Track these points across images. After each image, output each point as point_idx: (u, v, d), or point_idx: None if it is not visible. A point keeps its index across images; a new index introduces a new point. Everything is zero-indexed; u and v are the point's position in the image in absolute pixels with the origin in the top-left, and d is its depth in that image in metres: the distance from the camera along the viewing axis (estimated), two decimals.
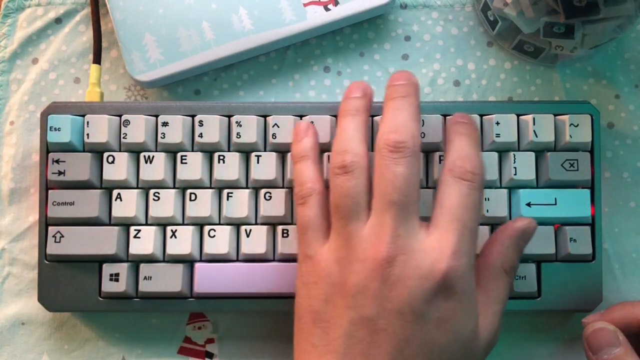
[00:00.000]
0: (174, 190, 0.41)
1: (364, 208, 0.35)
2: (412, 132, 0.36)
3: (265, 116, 0.42)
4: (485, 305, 0.36)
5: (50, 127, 0.41)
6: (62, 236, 0.41)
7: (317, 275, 0.36)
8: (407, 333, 0.33)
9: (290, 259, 0.41)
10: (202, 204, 0.41)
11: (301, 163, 0.39)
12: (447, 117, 0.40)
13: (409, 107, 0.37)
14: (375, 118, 0.41)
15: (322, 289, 0.35)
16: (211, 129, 0.41)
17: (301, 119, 0.41)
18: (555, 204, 0.41)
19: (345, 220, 0.35)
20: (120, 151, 0.41)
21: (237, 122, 0.41)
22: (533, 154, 0.41)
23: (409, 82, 0.38)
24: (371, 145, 0.41)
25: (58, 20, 0.46)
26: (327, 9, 0.44)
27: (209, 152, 0.42)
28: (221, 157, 0.41)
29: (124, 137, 0.41)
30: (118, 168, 0.41)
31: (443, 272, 0.33)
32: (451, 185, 0.36)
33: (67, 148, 0.41)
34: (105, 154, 0.41)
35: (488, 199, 0.41)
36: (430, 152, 0.41)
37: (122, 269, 0.41)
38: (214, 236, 0.41)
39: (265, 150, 0.42)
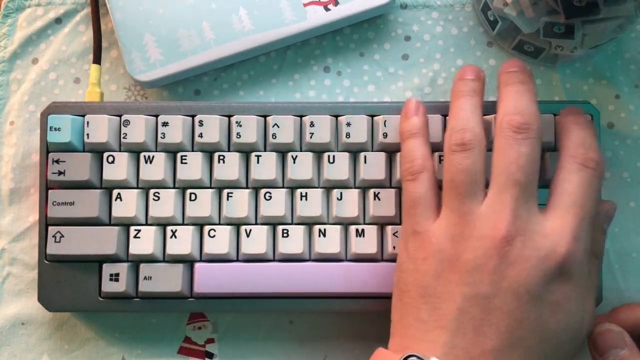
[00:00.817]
0: (174, 190, 0.41)
1: (480, 187, 0.36)
2: (535, 115, 0.36)
3: (265, 116, 0.42)
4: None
5: (50, 127, 0.41)
6: (62, 236, 0.41)
7: (426, 251, 0.35)
8: (521, 314, 0.33)
9: (290, 259, 0.41)
10: (202, 204, 0.41)
11: (412, 139, 0.39)
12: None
13: (529, 92, 0.37)
14: (376, 118, 0.41)
15: (433, 264, 0.35)
16: (211, 129, 0.41)
17: (301, 119, 0.41)
18: None
19: (461, 197, 0.35)
20: (120, 151, 0.41)
21: (237, 122, 0.41)
22: None
23: (524, 70, 0.38)
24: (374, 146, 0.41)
25: (58, 20, 0.46)
26: (327, 9, 0.44)
27: (209, 152, 0.42)
28: (221, 157, 0.41)
29: (124, 137, 0.41)
30: (118, 168, 0.41)
31: (562, 255, 0.34)
32: (574, 171, 0.36)
33: (67, 148, 0.41)
34: (105, 154, 0.41)
35: None
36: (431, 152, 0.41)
37: (122, 269, 0.41)
38: (214, 236, 0.41)
39: (265, 150, 0.42)
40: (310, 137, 0.41)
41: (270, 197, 0.41)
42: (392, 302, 0.37)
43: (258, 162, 0.41)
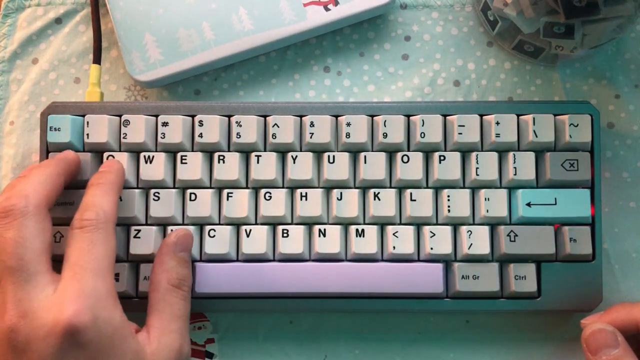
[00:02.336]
0: (174, 190, 0.41)
1: None
2: (25, 193, 0.35)
3: (265, 116, 0.42)
4: (160, 327, 0.36)
5: (50, 127, 0.41)
6: (62, 236, 0.41)
7: None
8: None
9: (290, 259, 0.41)
10: (202, 204, 0.41)
11: None
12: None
13: (47, 170, 0.37)
14: (376, 118, 0.42)
15: None
16: (211, 129, 0.41)
17: (301, 119, 0.41)
18: (555, 204, 0.41)
19: None
20: (120, 151, 0.41)
21: (237, 122, 0.41)
22: (533, 154, 0.41)
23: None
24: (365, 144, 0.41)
25: (58, 20, 0.46)
26: (327, 9, 0.44)
27: (209, 152, 0.42)
28: (221, 157, 0.41)
29: (124, 137, 0.41)
30: None
31: (64, 323, 0.32)
32: (70, 237, 0.35)
33: (67, 148, 0.41)
34: (105, 154, 0.41)
35: (488, 199, 0.41)
36: (430, 152, 0.41)
37: (122, 268, 0.41)
38: (214, 236, 0.41)
39: (265, 150, 0.42)
40: (310, 137, 0.41)
41: (270, 197, 0.41)
42: None
43: (258, 162, 0.41)
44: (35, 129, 0.45)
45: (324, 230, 0.41)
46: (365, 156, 0.41)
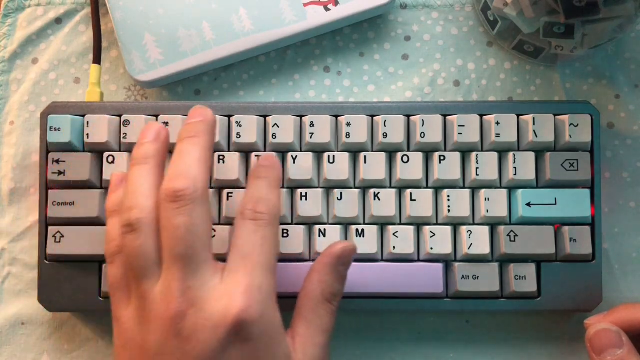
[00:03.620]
0: None
1: (155, 265, 0.34)
2: (193, 177, 0.34)
3: (265, 116, 0.42)
4: (306, 338, 0.36)
5: (50, 127, 0.41)
6: (62, 236, 0.41)
7: (123, 339, 0.35)
8: None
9: (291, 259, 0.41)
10: None
11: (110, 219, 0.37)
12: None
13: (194, 149, 0.35)
14: (376, 118, 0.42)
15: (128, 352, 0.34)
16: None
17: (301, 119, 0.42)
18: (555, 204, 0.41)
19: (138, 280, 0.34)
20: (120, 151, 0.41)
21: (237, 122, 0.41)
22: (533, 154, 0.41)
23: (203, 120, 0.37)
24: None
25: (58, 20, 0.46)
26: (327, 9, 0.44)
27: None
28: (221, 157, 0.41)
29: (124, 137, 0.41)
30: (118, 168, 0.41)
31: (235, 315, 0.32)
32: (240, 227, 0.35)
33: (67, 148, 0.41)
34: (105, 154, 0.41)
35: (488, 199, 0.41)
36: (430, 152, 0.41)
37: None
38: (214, 236, 0.41)
39: (265, 150, 0.42)
40: (310, 137, 0.41)
41: None
42: None
43: None
44: (35, 129, 0.45)
45: (324, 230, 0.41)
46: (365, 156, 0.41)
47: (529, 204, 0.41)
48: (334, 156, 0.41)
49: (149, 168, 0.36)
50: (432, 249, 0.41)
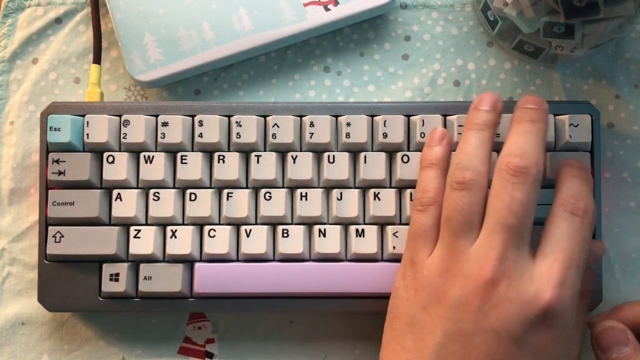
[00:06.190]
0: (174, 190, 0.41)
1: (475, 226, 0.36)
2: (536, 159, 0.36)
3: (265, 116, 0.42)
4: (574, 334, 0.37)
5: (50, 127, 0.41)
6: (62, 236, 0.41)
7: (418, 283, 0.36)
8: (501, 355, 0.34)
9: (290, 259, 0.41)
10: (202, 204, 0.41)
11: (429, 170, 0.39)
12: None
13: (537, 133, 0.37)
14: (376, 118, 0.42)
15: (422, 296, 0.36)
16: (211, 129, 0.41)
17: (301, 119, 0.42)
18: None
19: (455, 234, 0.36)
20: (120, 151, 0.41)
21: (237, 122, 0.41)
22: None
23: (540, 108, 0.38)
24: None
25: (58, 20, 0.46)
26: (327, 9, 0.44)
27: (209, 152, 0.42)
28: (221, 157, 0.41)
29: (124, 137, 0.41)
30: (118, 168, 0.41)
31: (546, 301, 0.33)
32: (563, 218, 0.36)
33: (67, 148, 0.41)
34: (105, 154, 0.41)
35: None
36: None
37: (122, 269, 0.41)
38: (214, 236, 0.41)
39: (265, 150, 0.42)
40: (310, 137, 0.41)
41: (270, 197, 0.41)
42: (384, 326, 0.38)
43: (258, 162, 0.41)
44: (35, 129, 0.45)
45: (324, 230, 0.41)
46: (365, 156, 0.41)
47: None
48: (334, 156, 0.41)
49: (486, 136, 0.38)
50: None
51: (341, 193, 0.41)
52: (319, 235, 0.41)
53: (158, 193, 0.41)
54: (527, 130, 0.37)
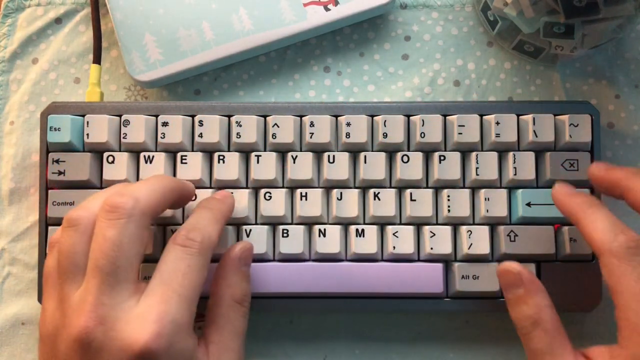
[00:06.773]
0: None
1: (80, 270, 0.34)
2: (136, 196, 0.34)
3: (265, 116, 0.42)
4: (220, 344, 0.36)
5: (50, 127, 0.41)
6: None
7: (41, 332, 0.35)
8: None
9: (290, 259, 0.41)
10: None
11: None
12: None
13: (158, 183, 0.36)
14: (376, 118, 0.42)
15: (44, 348, 0.34)
16: (211, 129, 0.41)
17: (301, 119, 0.42)
18: None
19: (62, 279, 0.34)
20: (120, 151, 0.41)
21: (237, 122, 0.41)
22: (533, 154, 0.41)
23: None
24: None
25: (58, 20, 0.46)
26: (327, 9, 0.44)
27: (209, 152, 0.42)
28: (221, 157, 0.41)
29: (124, 137, 0.41)
30: (118, 168, 0.41)
31: (143, 342, 0.31)
32: (169, 251, 0.35)
33: (67, 148, 0.41)
34: (105, 154, 0.41)
35: (488, 199, 0.41)
36: (430, 152, 0.41)
37: None
38: None
39: (265, 150, 0.42)
40: (310, 137, 0.41)
41: (270, 197, 0.41)
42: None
43: (258, 162, 0.41)
44: (35, 129, 0.45)
45: (324, 230, 0.41)
46: (365, 156, 0.41)
47: (529, 204, 0.41)
48: (334, 156, 0.41)
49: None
50: (432, 248, 0.41)
51: (341, 193, 0.41)
52: (319, 235, 0.41)
53: None
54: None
